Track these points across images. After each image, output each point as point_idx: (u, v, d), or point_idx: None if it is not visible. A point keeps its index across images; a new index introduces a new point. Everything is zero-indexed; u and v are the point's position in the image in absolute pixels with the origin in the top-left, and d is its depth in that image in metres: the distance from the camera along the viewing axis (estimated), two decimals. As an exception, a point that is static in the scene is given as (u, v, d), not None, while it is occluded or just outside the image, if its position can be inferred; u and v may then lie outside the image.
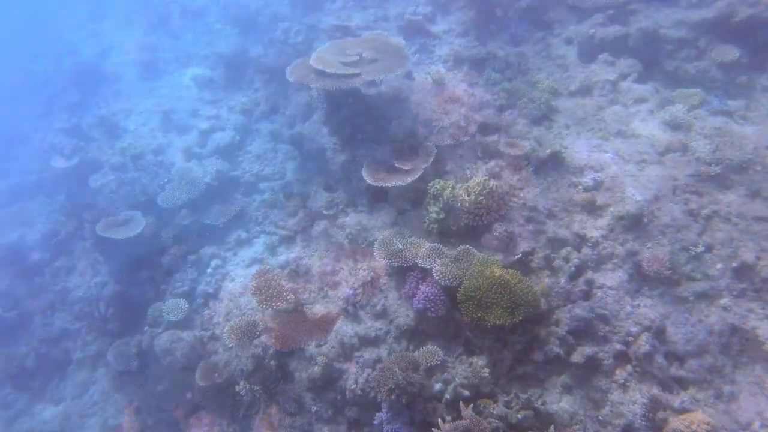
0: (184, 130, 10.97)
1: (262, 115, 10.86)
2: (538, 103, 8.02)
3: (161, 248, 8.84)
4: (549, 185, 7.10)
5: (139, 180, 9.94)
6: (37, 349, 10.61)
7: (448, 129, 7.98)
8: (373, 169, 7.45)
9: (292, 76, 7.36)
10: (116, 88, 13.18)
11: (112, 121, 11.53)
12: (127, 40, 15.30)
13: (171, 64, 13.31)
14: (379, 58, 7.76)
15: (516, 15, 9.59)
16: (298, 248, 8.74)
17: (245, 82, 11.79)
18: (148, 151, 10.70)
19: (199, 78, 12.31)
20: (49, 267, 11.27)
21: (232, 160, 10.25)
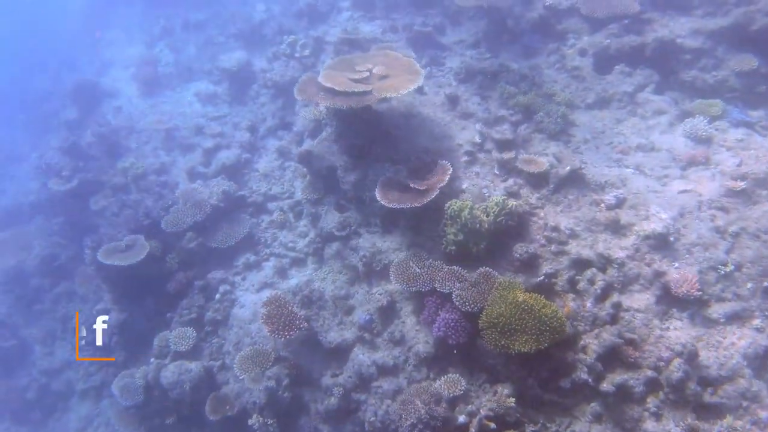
0: (188, 149, 10.97)
1: (269, 132, 10.86)
2: (555, 117, 7.99)
3: (167, 274, 8.79)
4: (570, 203, 7.05)
5: (142, 202, 9.91)
6: (38, 380, 10.56)
7: (462, 145, 7.95)
8: (387, 189, 7.41)
9: (301, 95, 7.35)
10: (116, 104, 13.20)
11: (113, 140, 11.53)
12: (127, 53, 15.36)
13: (173, 79, 13.33)
14: (390, 73, 7.75)
15: (528, 26, 9.60)
16: (310, 271, 8.70)
17: (250, 97, 11.80)
18: (150, 171, 10.69)
19: (202, 93, 12.33)
20: (49, 293, 11.24)
21: (239, 179, 10.22)
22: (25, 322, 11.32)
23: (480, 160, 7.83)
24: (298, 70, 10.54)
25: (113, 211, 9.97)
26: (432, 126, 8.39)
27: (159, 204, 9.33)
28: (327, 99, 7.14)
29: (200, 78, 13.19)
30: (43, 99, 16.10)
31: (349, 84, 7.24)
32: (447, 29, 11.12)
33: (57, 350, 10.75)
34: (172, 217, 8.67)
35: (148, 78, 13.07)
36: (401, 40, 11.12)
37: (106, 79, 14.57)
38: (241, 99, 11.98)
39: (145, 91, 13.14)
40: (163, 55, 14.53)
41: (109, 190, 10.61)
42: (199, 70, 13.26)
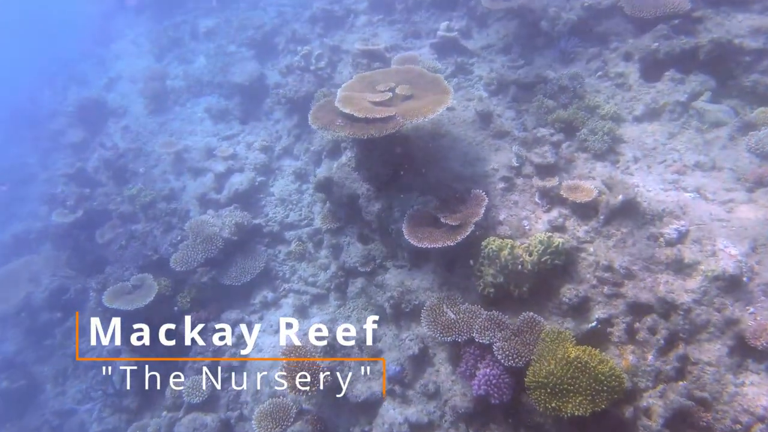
0: (198, 173, 10.62)
1: (285, 152, 10.44)
2: (600, 134, 7.37)
3: (178, 315, 8.43)
4: (624, 238, 6.43)
5: (150, 233, 9.61)
6: (50, 421, 10.36)
7: (498, 170, 7.38)
8: (415, 224, 6.90)
9: (316, 123, 6.87)
10: (123, 123, 12.95)
11: (119, 164, 11.24)
12: (136, 66, 15.11)
13: (182, 94, 13.01)
14: (415, 93, 7.22)
15: (565, 28, 8.94)
16: (332, 308, 8.28)
17: (264, 112, 11.40)
18: (159, 199, 10.37)
19: (213, 109, 11.96)
20: (59, 327, 11.04)
21: (254, 205, 9.84)
22: (37, 358, 11.16)
23: (518, 187, 7.26)
24: (313, 84, 10.07)
25: (120, 243, 9.66)
26: (463, 147, 7.84)
27: (168, 238, 8.96)
28: (345, 127, 6.65)
29: (211, 92, 12.84)
30: (51, 115, 15.98)
31: (370, 108, 6.73)
32: (473, 32, 10.53)
33: (69, 389, 10.54)
34: (182, 255, 8.30)
35: (156, 94, 12.77)
36: (424, 47, 10.57)
37: (114, 95, 14.34)
38: (254, 114, 11.58)
39: (153, 108, 12.85)
40: (171, 68, 14.23)
41: (117, 220, 10.33)
42: (210, 84, 12.91)
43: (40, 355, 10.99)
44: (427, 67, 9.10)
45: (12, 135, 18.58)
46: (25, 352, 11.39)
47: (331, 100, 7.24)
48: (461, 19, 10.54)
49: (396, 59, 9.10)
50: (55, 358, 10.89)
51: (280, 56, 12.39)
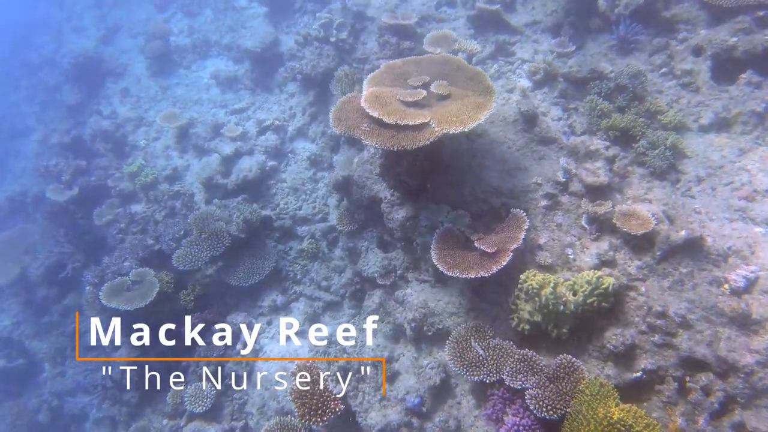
0: (204, 151, 10.03)
1: (299, 133, 9.80)
2: (661, 149, 6.68)
3: (180, 313, 8.12)
4: (682, 279, 5.90)
5: (151, 218, 9.18)
6: (49, 402, 10.36)
7: (541, 185, 6.76)
8: (445, 244, 6.41)
9: (339, 125, 6.25)
10: (123, 85, 12.26)
11: (118, 135, 10.67)
12: (136, 16, 14.22)
13: (187, 54, 12.23)
14: (453, 91, 6.54)
15: (627, 10, 8.02)
16: (346, 318, 7.93)
17: (277, 83, 10.68)
18: (161, 178, 9.87)
19: (220, 75, 11.23)
20: (57, 305, 10.85)
21: (264, 193, 9.34)
22: (34, 333, 11.05)
23: (563, 205, 6.67)
24: (333, 58, 9.30)
25: (119, 227, 9.26)
26: (502, 152, 7.20)
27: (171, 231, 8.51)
28: (372, 133, 6.05)
29: (219, 53, 12.06)
30: (46, 64, 15.26)
31: (401, 112, 6.10)
32: (517, 3, 9.57)
33: (68, 370, 10.47)
34: (185, 252, 7.89)
35: (158, 53, 12.01)
36: (459, 18, 9.68)
37: (112, 49, 13.56)
38: (265, 84, 10.86)
39: (155, 70, 12.12)
40: (175, 22, 13.37)
41: (116, 199, 9.89)
42: (217, 44, 12.09)
43: (38, 331, 10.89)
44: (463, 49, 8.32)
45: (9, 78, 17.91)
46: (23, 326, 11.29)
47: (355, 96, 6.58)
48: (505, -13, 9.55)
49: (428, 38, 8.29)
50: (53, 337, 10.78)
51: (296, 15, 11.49)
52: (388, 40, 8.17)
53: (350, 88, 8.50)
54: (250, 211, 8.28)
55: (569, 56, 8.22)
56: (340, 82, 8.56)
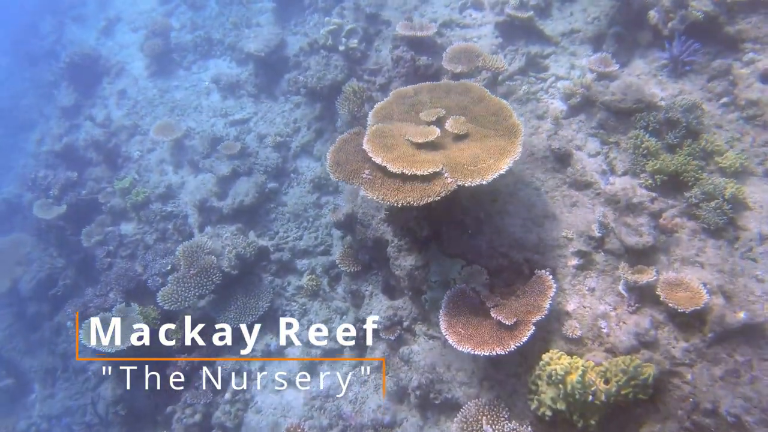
0: (200, 168, 9.40)
1: (303, 150, 9.11)
2: (718, 202, 5.79)
3: (166, 353, 7.63)
4: (738, 369, 5.09)
5: (141, 241, 8.69)
6: (38, 425, 10.10)
7: (572, 239, 5.96)
8: (456, 309, 5.72)
9: (337, 171, 5.56)
10: (120, 86, 11.71)
11: (111, 146, 10.14)
12: (137, 6, 13.62)
13: (188, 53, 11.59)
14: (471, 129, 5.77)
15: (683, 24, 7.03)
16: (347, 368, 7.31)
17: (281, 91, 9.96)
18: (154, 197, 9.31)
19: (222, 79, 10.56)
20: (48, 322, 10.53)
21: (261, 219, 8.75)
22: (25, 349, 10.81)
23: (597, 266, 5.89)
24: (342, 69, 8.53)
25: (108, 249, 8.78)
26: (528, 195, 6.41)
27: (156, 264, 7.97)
28: (374, 183, 5.35)
29: (221, 53, 11.40)
30: (47, 56, 14.86)
31: (408, 158, 5.37)
32: (554, 8, 8.62)
33: (58, 392, 10.18)
34: (171, 290, 7.35)
35: (158, 53, 11.38)
36: (487, 25, 8.78)
37: (112, 44, 13.03)
38: (270, 90, 10.19)
39: (154, 70, 11.53)
40: (178, 14, 12.71)
41: (107, 216, 9.41)
42: (221, 43, 11.41)
43: (29, 348, 10.63)
44: (488, 66, 7.47)
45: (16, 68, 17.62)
46: (15, 339, 11.07)
47: (358, 134, 5.85)
48: (540, -11, 8.59)
49: (448, 53, 7.46)
50: (44, 356, 10.51)
51: (306, 12, 10.70)
52: (402, 55, 7.35)
53: (359, 107, 7.74)
54: (244, 245, 7.68)
55: (612, 77, 7.29)
56: (347, 101, 7.81)
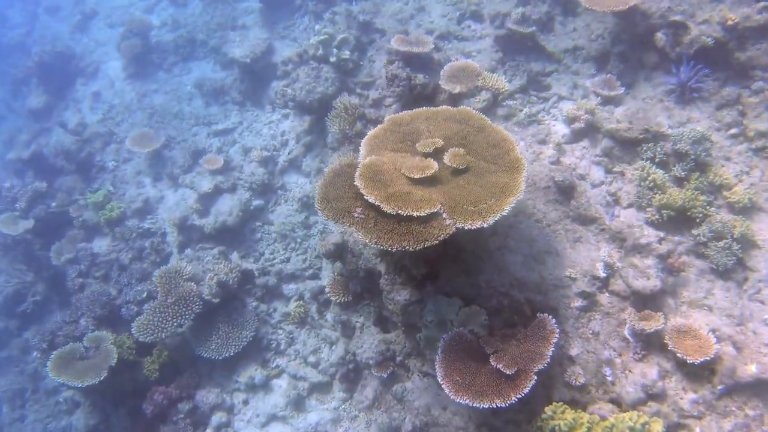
0: (180, 183, 9.01)
1: (291, 165, 8.78)
2: (727, 242, 5.63)
3: (142, 385, 7.32)
4: (749, 423, 4.96)
5: (116, 261, 8.32)
6: (5, 451, 9.73)
7: (576, 279, 5.77)
8: (454, 355, 5.50)
9: (327, 208, 5.27)
10: (94, 88, 11.22)
11: (84, 155, 9.69)
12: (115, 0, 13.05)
13: (169, 54, 11.12)
14: (471, 163, 5.51)
15: (691, 48, 6.84)
16: (336, 402, 7.09)
17: (268, 99, 9.60)
18: (130, 213, 8.92)
19: (205, 84, 10.16)
20: (17, 338, 10.10)
21: (246, 239, 8.42)
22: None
23: (602, 308, 5.72)
24: (333, 82, 8.21)
25: (79, 269, 8.41)
26: (529, 228, 6.21)
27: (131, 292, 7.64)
28: (366, 225, 5.08)
29: (205, 56, 10.96)
30: (17, 49, 14.21)
31: (404, 195, 5.08)
32: (556, 23, 8.41)
33: (28, 414, 9.79)
34: (148, 320, 7.02)
35: (136, 53, 10.89)
36: (486, 38, 8.54)
37: (87, 41, 12.49)
38: (256, 98, 9.82)
39: (132, 71, 11.06)
40: (159, 11, 12.21)
41: (78, 231, 9.00)
42: (204, 45, 10.96)
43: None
44: (488, 86, 7.22)
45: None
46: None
47: (350, 164, 5.56)
48: (541, 2, 8.35)
49: (446, 71, 7.20)
50: (12, 375, 10.09)
51: (296, 15, 10.32)
52: (397, 73, 7.06)
53: (350, 125, 7.45)
54: (226, 271, 7.37)
55: (616, 102, 7.09)
56: (338, 118, 7.52)
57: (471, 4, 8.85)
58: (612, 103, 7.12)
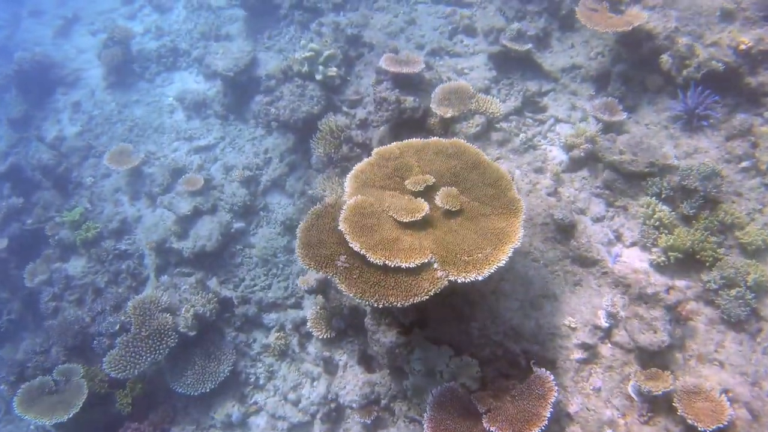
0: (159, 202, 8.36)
1: (274, 184, 8.15)
2: (740, 291, 5.06)
3: (116, 419, 6.74)
4: (764, 499, 4.39)
5: (91, 285, 7.71)
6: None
7: (576, 329, 5.20)
8: (444, 413, 4.95)
9: (308, 255, 4.71)
10: (75, 97, 10.52)
11: (61, 171, 9.02)
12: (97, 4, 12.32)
13: (151, 63, 10.46)
14: (464, 204, 4.93)
15: (699, 72, 6.23)
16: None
17: (252, 114, 8.94)
18: (107, 232, 8.30)
19: (187, 97, 9.50)
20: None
21: (226, 263, 7.82)
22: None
23: (604, 361, 5.16)
24: (318, 100, 7.59)
25: (53, 292, 7.79)
26: (525, 270, 5.63)
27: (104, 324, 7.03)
28: (350, 276, 4.52)
29: (188, 66, 10.30)
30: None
31: (392, 242, 4.50)
32: (553, 39, 7.83)
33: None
34: (120, 354, 6.42)
35: (117, 62, 10.19)
36: (479, 54, 7.90)
37: (68, 48, 11.77)
38: (239, 112, 9.19)
39: (113, 81, 10.37)
40: (142, 17, 11.54)
41: (54, 250, 8.38)
42: (187, 54, 10.30)
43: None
44: (482, 110, 6.60)
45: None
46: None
47: (334, 205, 4.94)
48: (538, 17, 7.73)
49: (438, 93, 6.57)
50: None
51: (281, 24, 9.65)
52: (386, 96, 6.41)
53: (336, 149, 6.83)
54: (203, 303, 6.77)
55: (618, 128, 6.48)
56: (323, 140, 6.90)
57: (463, 18, 8.23)
58: (613, 129, 6.51)
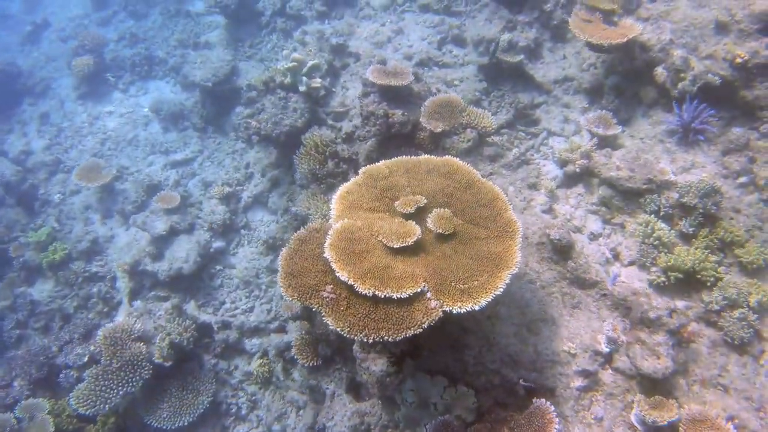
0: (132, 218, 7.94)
1: (256, 200, 7.79)
2: (742, 313, 4.87)
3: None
4: None
5: (58, 311, 7.28)
6: None
7: (576, 355, 4.96)
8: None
9: (290, 286, 4.39)
10: (43, 108, 10.06)
11: (26, 188, 8.55)
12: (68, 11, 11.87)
13: (125, 72, 10.00)
14: (458, 226, 4.67)
15: (694, 85, 6.07)
16: (303, 480, 6.15)
17: (231, 126, 8.58)
18: (76, 253, 7.84)
19: (163, 108, 9.11)
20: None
21: (205, 285, 7.43)
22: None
23: (605, 388, 4.92)
24: (302, 112, 7.27)
25: (16, 319, 7.33)
26: (521, 293, 5.37)
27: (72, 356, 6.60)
28: (337, 309, 4.22)
29: (164, 75, 9.90)
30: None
31: (382, 270, 4.22)
32: (544, 49, 7.63)
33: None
34: (88, 389, 5.98)
35: (89, 72, 9.74)
36: (469, 65, 7.67)
37: (37, 55, 11.27)
38: (218, 124, 8.84)
39: (84, 90, 9.93)
40: (116, 23, 11.12)
41: (19, 273, 7.89)
42: (164, 62, 9.91)
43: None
44: (474, 124, 6.36)
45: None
46: None
47: (320, 229, 4.63)
48: (529, 28, 7.52)
49: (427, 107, 6.32)
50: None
51: (263, 32, 9.33)
52: (373, 110, 6.13)
53: (321, 165, 6.51)
54: (180, 331, 6.38)
55: (613, 142, 6.29)
56: (307, 155, 6.57)
57: (452, 27, 8.01)
58: (608, 143, 6.31)
